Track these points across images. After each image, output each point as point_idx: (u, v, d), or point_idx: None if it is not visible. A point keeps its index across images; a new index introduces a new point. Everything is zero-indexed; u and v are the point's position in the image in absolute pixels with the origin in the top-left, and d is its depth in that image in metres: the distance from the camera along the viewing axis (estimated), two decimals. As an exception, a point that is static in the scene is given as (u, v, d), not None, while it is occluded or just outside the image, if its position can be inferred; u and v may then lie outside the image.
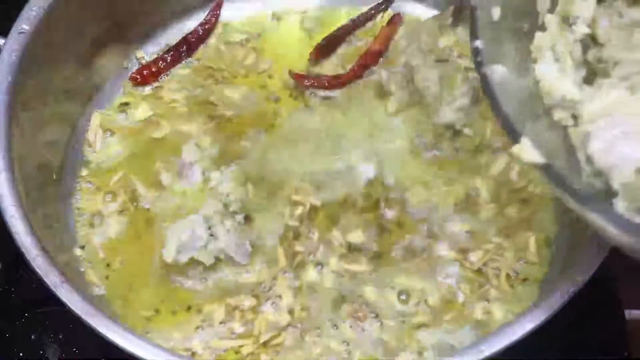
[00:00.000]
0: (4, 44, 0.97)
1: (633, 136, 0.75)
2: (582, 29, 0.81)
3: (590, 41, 0.82)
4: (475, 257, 0.97)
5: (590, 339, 1.00)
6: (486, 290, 0.95)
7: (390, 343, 0.92)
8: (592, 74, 0.82)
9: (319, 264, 0.98)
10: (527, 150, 0.73)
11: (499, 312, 0.93)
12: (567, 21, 0.82)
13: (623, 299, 1.05)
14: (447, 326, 0.93)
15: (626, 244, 0.71)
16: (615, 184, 0.74)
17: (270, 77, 1.13)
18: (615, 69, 0.80)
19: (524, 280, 0.95)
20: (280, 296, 0.95)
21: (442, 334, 0.93)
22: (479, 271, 0.96)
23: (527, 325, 0.81)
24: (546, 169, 0.73)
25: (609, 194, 0.75)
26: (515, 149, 0.74)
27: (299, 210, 1.00)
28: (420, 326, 0.93)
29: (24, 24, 0.98)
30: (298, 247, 0.98)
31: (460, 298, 0.95)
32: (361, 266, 0.97)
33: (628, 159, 0.74)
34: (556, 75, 0.80)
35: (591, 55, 0.82)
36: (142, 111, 1.09)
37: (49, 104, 1.03)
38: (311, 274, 0.97)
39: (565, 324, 0.86)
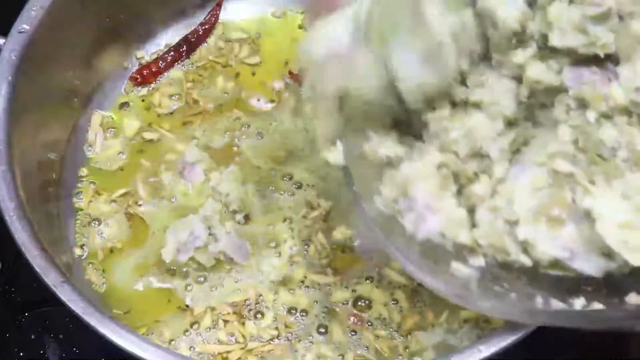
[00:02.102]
0: (4, 44, 0.97)
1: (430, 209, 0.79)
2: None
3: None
4: None
5: (590, 339, 0.99)
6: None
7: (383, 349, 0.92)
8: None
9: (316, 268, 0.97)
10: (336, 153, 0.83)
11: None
12: None
13: (623, 298, 1.04)
14: (446, 326, 0.93)
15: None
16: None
17: (265, 75, 1.13)
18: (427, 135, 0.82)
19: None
20: (262, 313, 0.95)
21: (442, 334, 0.92)
22: None
23: (526, 325, 0.80)
24: (346, 172, 0.83)
25: None
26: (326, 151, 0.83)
27: (314, 213, 1.00)
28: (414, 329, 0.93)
29: (24, 24, 0.98)
30: (297, 258, 0.98)
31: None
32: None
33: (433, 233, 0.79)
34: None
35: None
36: (132, 125, 1.09)
37: (49, 104, 1.03)
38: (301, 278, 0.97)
39: (565, 324, 0.86)
